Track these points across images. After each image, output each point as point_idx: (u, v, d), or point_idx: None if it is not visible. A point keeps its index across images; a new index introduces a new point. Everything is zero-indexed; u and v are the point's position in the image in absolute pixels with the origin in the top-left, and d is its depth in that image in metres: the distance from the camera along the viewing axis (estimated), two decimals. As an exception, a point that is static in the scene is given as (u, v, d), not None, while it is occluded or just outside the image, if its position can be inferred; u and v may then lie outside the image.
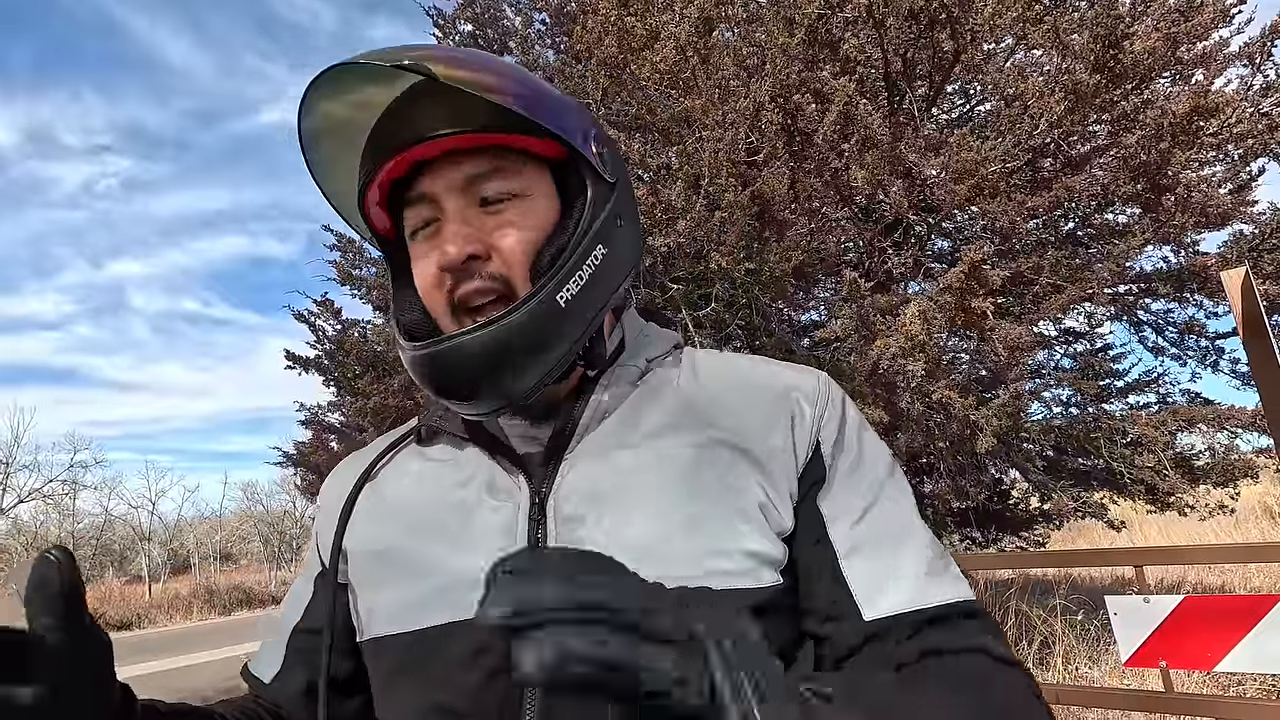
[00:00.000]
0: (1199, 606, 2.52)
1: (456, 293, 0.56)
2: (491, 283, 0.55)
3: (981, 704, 0.46)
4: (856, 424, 0.60)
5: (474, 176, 0.56)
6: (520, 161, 0.57)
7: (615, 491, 0.54)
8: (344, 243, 5.71)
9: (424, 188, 0.57)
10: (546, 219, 0.57)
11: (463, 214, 0.56)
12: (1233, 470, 4.63)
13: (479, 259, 0.55)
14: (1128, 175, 4.17)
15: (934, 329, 3.77)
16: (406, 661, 0.54)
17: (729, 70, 3.94)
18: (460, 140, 0.55)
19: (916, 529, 0.55)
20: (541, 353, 0.54)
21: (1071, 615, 4.94)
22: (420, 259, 0.58)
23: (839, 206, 4.58)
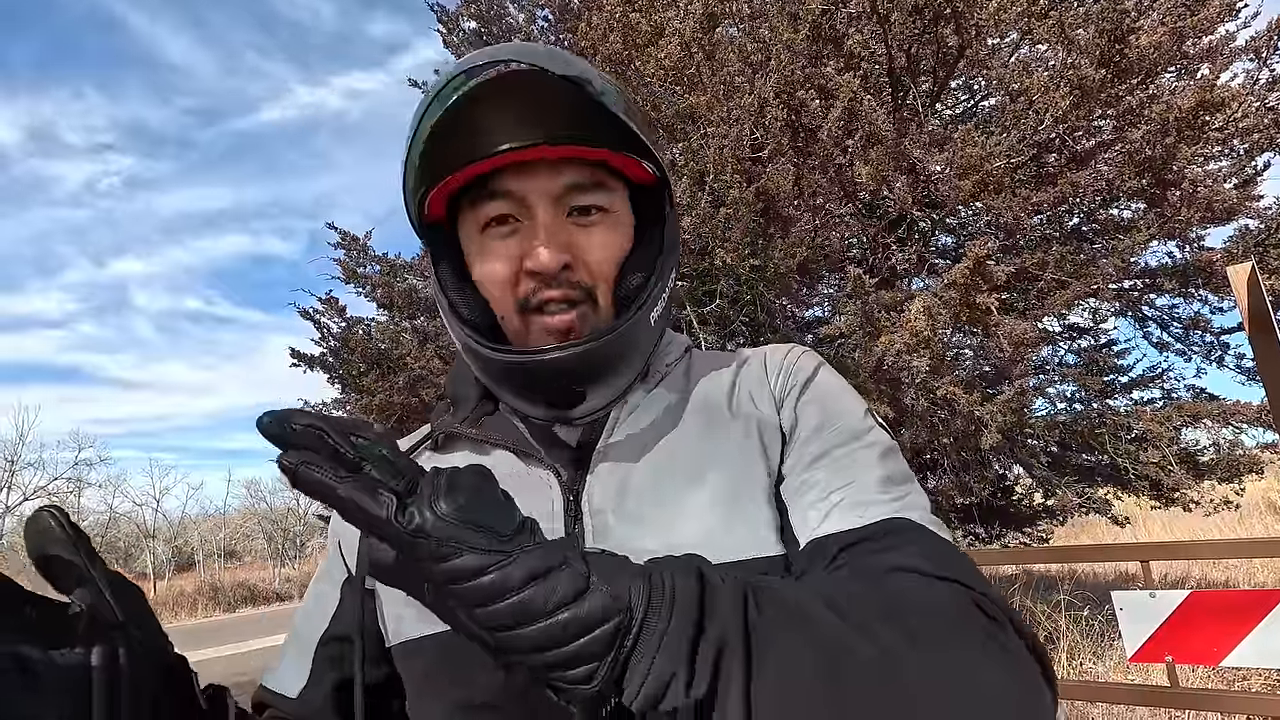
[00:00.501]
0: (1205, 602, 2.53)
1: (536, 296, 0.56)
2: (574, 291, 0.57)
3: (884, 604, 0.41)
4: (828, 384, 0.62)
5: (573, 186, 0.57)
6: (613, 178, 0.59)
7: (644, 486, 0.56)
8: (348, 241, 5.71)
9: (512, 186, 0.56)
10: (628, 237, 0.60)
11: (554, 221, 0.56)
12: (1238, 466, 4.62)
13: (570, 268, 0.56)
14: (1133, 170, 4.16)
15: (939, 325, 3.77)
16: (440, 662, 0.54)
17: (734, 66, 3.93)
18: (572, 150, 0.56)
19: (865, 467, 0.54)
20: (629, 367, 0.58)
21: (1076, 611, 4.95)
22: (493, 255, 0.58)
23: (843, 202, 4.58)
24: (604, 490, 0.56)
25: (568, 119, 0.54)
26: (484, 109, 0.54)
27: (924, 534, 0.49)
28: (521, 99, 0.54)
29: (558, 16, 5.76)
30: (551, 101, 0.54)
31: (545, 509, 0.56)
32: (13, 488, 19.74)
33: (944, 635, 0.41)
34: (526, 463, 0.59)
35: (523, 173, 0.56)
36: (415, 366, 4.84)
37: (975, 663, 0.40)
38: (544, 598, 0.35)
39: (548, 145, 0.54)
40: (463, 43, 6.03)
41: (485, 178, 0.57)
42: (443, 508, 0.35)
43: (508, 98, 0.54)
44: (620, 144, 0.56)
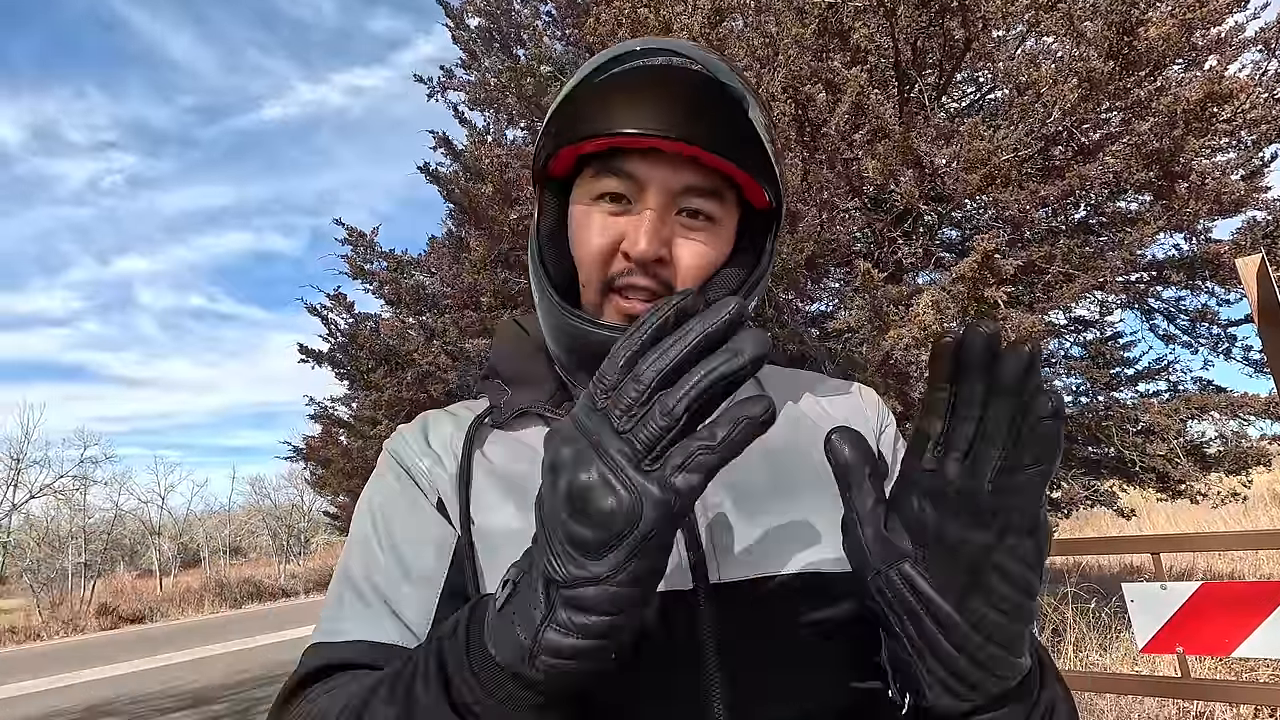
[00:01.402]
0: (1216, 593, 2.54)
1: (621, 278, 0.58)
2: (657, 285, 0.58)
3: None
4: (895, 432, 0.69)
5: (690, 188, 0.58)
6: (730, 192, 0.61)
7: (757, 483, 0.58)
8: (354, 237, 5.72)
9: (638, 170, 0.57)
10: (725, 251, 0.61)
11: (663, 214, 0.58)
12: (1245, 458, 4.63)
13: (660, 262, 0.57)
14: (1140, 163, 4.15)
15: (947, 319, 3.77)
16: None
17: (741, 61, 3.93)
18: (707, 156, 0.56)
19: None
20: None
21: (1083, 603, 4.96)
22: (596, 226, 0.59)
23: (850, 197, 4.57)
24: (715, 483, 0.57)
25: (715, 127, 0.56)
26: (635, 90, 0.56)
27: None
28: (681, 93, 0.56)
29: (564, 11, 5.75)
30: (707, 105, 0.56)
31: None
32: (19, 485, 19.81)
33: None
34: None
35: (649, 160, 0.57)
36: (423, 362, 4.86)
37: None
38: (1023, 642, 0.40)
39: (681, 141, 0.55)
40: (471, 38, 6.02)
41: (613, 153, 0.58)
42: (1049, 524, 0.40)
43: (670, 87, 0.56)
44: (751, 165, 0.58)
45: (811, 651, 0.53)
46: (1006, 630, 0.37)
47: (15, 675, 9.37)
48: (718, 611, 0.52)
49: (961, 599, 0.37)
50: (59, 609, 17.44)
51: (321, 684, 0.51)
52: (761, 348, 0.34)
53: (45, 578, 19.60)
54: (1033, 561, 0.37)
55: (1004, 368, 0.35)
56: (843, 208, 4.61)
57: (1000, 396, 0.35)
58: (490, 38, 6.01)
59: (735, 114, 0.57)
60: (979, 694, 0.38)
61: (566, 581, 0.36)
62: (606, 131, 0.55)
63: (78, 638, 14.57)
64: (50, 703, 7.30)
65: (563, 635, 0.36)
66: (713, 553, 0.54)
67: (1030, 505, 0.36)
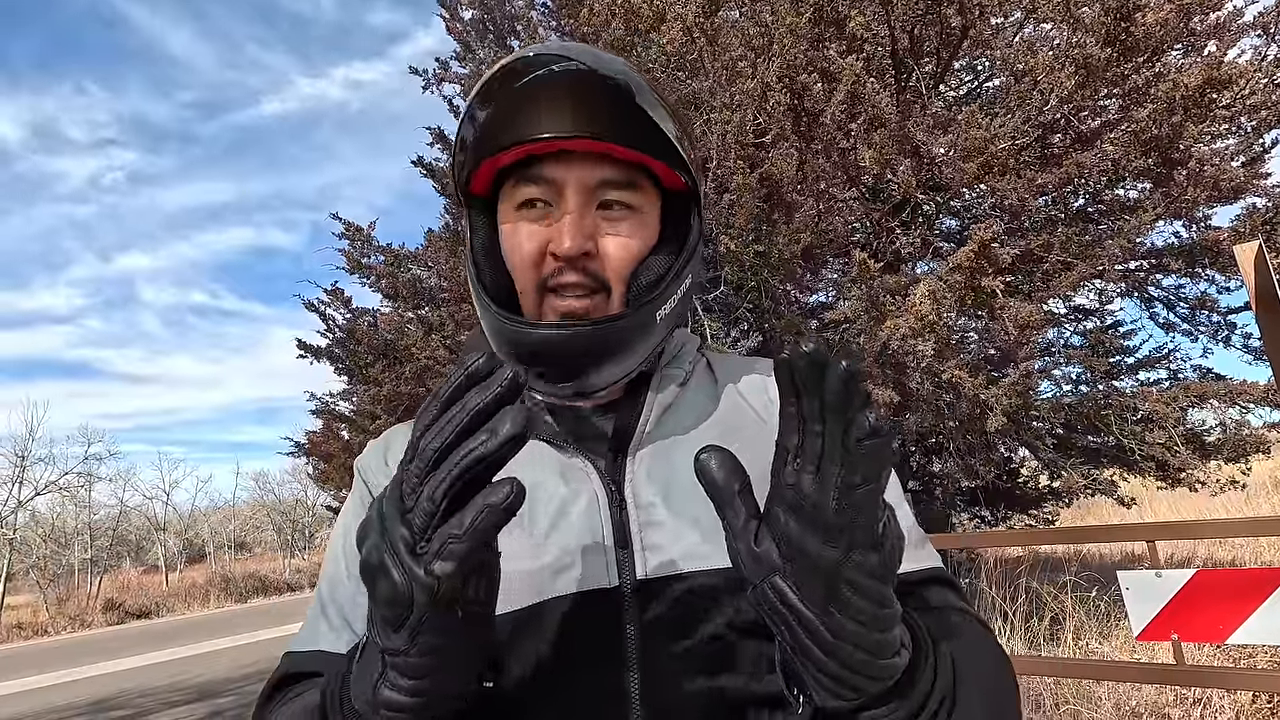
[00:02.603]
0: (1211, 580, 2.54)
1: (554, 278, 0.60)
2: (589, 279, 0.59)
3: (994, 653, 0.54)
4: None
5: (606, 182, 0.60)
6: (647, 181, 0.62)
7: (683, 484, 0.59)
8: (351, 231, 5.71)
9: (554, 174, 0.59)
10: (650, 237, 0.63)
11: (582, 211, 0.59)
12: (1244, 445, 4.62)
13: (587, 256, 0.59)
14: (1139, 150, 4.13)
15: (944, 309, 3.77)
16: (505, 642, 0.56)
17: (736, 51, 3.91)
18: (614, 148, 0.58)
19: (900, 505, 0.61)
20: (630, 357, 0.60)
21: (1083, 592, 4.97)
22: (523, 234, 0.61)
23: (847, 187, 4.56)
24: (649, 482, 0.59)
25: (613, 119, 0.58)
26: (539, 98, 0.58)
27: (957, 586, 0.62)
28: (574, 94, 0.58)
29: (558, 3, 5.72)
30: (606, 101, 0.58)
31: (589, 496, 0.59)
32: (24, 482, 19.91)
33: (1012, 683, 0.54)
34: (563, 453, 0.62)
35: (563, 162, 0.59)
36: (421, 357, 4.87)
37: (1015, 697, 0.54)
38: (892, 645, 0.40)
39: (590, 139, 0.57)
40: (465, 30, 6.00)
41: (529, 162, 0.60)
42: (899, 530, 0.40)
43: (562, 91, 0.58)
44: (658, 151, 0.59)
45: (731, 646, 0.54)
46: (867, 638, 0.39)
47: (23, 670, 9.45)
48: (642, 607, 0.54)
49: (823, 610, 0.38)
50: (65, 605, 17.57)
51: (283, 691, 0.57)
52: (518, 427, 0.36)
53: (52, 574, 19.74)
54: (880, 574, 0.38)
55: (827, 386, 0.36)
56: (840, 198, 4.59)
57: (830, 413, 0.36)
58: (485, 30, 5.98)
59: (628, 103, 0.58)
60: (859, 694, 0.40)
61: (382, 649, 0.41)
62: (516, 141, 0.58)
63: (84, 633, 14.69)
64: (58, 697, 7.37)
65: (392, 692, 0.41)
66: (641, 549, 0.56)
67: (868, 521, 0.37)
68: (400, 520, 0.38)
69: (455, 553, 0.36)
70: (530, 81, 0.58)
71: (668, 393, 0.64)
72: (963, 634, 0.54)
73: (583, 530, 0.57)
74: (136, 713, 6.35)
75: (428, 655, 0.39)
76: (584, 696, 0.53)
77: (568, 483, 0.60)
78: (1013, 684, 0.54)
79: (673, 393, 0.64)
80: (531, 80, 0.58)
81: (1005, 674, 0.53)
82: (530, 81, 0.58)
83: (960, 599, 0.59)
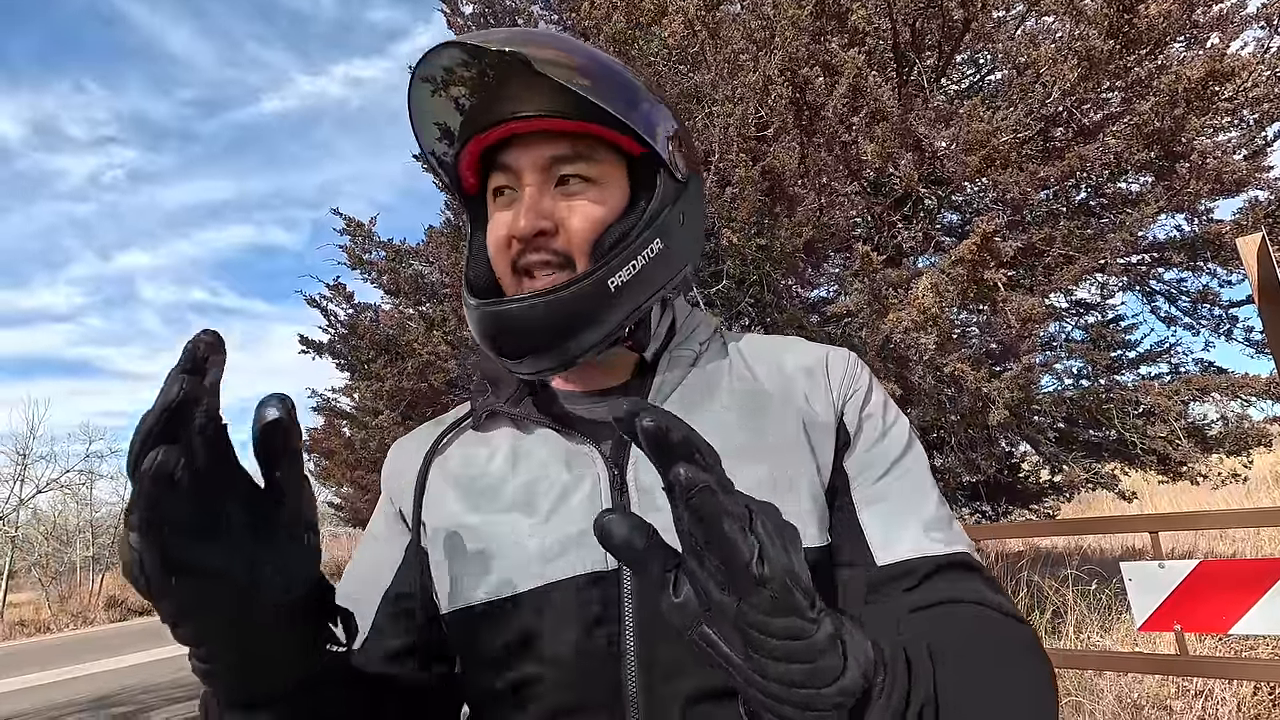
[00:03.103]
0: (1213, 571, 2.54)
1: (521, 260, 0.61)
2: (553, 256, 0.60)
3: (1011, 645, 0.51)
4: (882, 398, 0.66)
5: (556, 158, 0.61)
6: (601, 150, 0.62)
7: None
8: (353, 227, 5.71)
9: (510, 159, 0.62)
10: (615, 206, 0.62)
11: (538, 190, 0.61)
12: (1245, 438, 4.62)
13: (546, 234, 0.60)
14: (1141, 143, 4.12)
15: (946, 302, 3.76)
16: (509, 625, 0.56)
17: (738, 44, 3.90)
18: (550, 123, 0.60)
19: (929, 491, 0.60)
20: (585, 329, 0.58)
21: (1084, 585, 4.98)
22: (493, 223, 0.64)
23: (849, 181, 4.55)
24: (649, 466, 0.58)
25: (555, 94, 0.58)
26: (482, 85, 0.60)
27: (986, 575, 0.57)
28: (511, 76, 0.60)
29: (558, -4, 5.71)
30: (534, 79, 0.57)
31: (591, 481, 0.59)
32: (26, 480, 19.93)
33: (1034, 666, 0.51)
34: (569, 438, 0.62)
35: (521, 146, 0.61)
36: (423, 352, 4.86)
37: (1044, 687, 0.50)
38: (829, 671, 0.37)
39: (522, 119, 0.59)
40: (466, 24, 5.99)
41: (494, 152, 0.63)
42: (785, 562, 0.35)
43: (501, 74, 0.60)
44: (603, 119, 0.59)
45: None
46: (792, 673, 0.37)
47: (26, 667, 9.47)
48: (639, 590, 0.54)
49: (744, 654, 0.37)
50: (68, 602, 17.59)
51: None
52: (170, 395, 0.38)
53: (54, 572, 19.74)
54: (774, 610, 0.35)
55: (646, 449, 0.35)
56: (842, 192, 4.59)
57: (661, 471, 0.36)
58: (485, 23, 5.97)
59: (564, 74, 0.58)
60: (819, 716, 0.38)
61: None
62: (465, 139, 0.61)
63: (87, 630, 14.71)
64: (60, 694, 7.38)
65: (191, 659, 0.45)
66: None
67: (737, 566, 0.35)
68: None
69: (131, 522, 0.38)
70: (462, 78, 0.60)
71: (675, 373, 0.64)
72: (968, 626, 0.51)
73: (584, 515, 0.57)
74: (139, 709, 6.36)
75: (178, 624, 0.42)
76: (583, 677, 0.53)
77: (571, 469, 0.60)
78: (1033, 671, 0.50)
79: (680, 373, 0.64)
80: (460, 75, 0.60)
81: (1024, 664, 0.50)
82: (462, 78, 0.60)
83: (984, 586, 0.55)
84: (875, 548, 0.56)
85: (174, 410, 0.38)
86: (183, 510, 0.39)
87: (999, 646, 0.50)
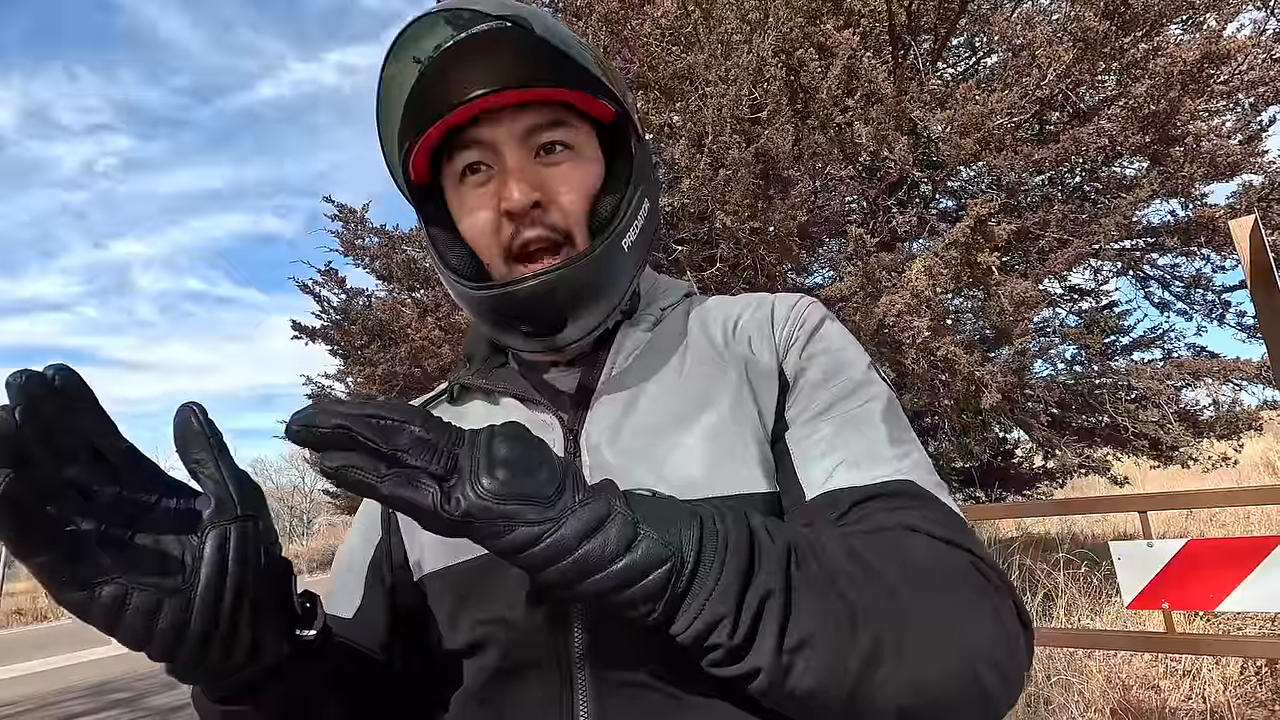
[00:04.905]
0: (1201, 549, 2.56)
1: (516, 239, 0.59)
2: (551, 232, 0.58)
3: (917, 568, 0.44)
4: (829, 341, 0.61)
5: (534, 127, 0.59)
6: (574, 117, 0.61)
7: (638, 423, 0.58)
8: (345, 213, 5.67)
9: (483, 134, 0.59)
10: (596, 173, 0.61)
11: (523, 163, 0.59)
12: (1236, 422, 4.65)
13: (540, 207, 0.58)
14: (1136, 126, 4.11)
15: (940, 285, 3.76)
16: (464, 587, 0.56)
17: (731, 25, 3.87)
18: (529, 94, 0.57)
19: (872, 425, 0.55)
20: (608, 294, 0.59)
21: (1075, 568, 5.01)
22: (473, 205, 0.60)
23: (843, 165, 4.54)
24: (599, 427, 0.58)
25: (518, 64, 0.57)
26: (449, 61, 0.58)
27: (932, 500, 0.51)
28: (480, 47, 0.57)
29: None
30: (502, 49, 0.57)
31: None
32: (21, 470, 19.89)
33: (949, 592, 0.45)
34: (532, 408, 0.62)
35: (489, 121, 0.58)
36: (416, 338, 4.85)
37: (971, 618, 0.44)
38: (600, 552, 0.38)
39: (496, 93, 0.56)
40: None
41: (456, 133, 0.59)
42: (485, 487, 0.37)
43: (472, 51, 0.58)
44: (577, 83, 0.58)
45: None
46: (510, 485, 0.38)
47: (24, 655, 9.49)
48: None
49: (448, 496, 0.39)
50: (65, 591, 17.60)
51: None
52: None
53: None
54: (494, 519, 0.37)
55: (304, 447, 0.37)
56: (837, 176, 4.57)
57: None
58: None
59: (530, 43, 0.58)
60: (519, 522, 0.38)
61: None
62: (440, 114, 0.57)
63: (84, 618, 14.72)
64: (58, 681, 7.40)
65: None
66: None
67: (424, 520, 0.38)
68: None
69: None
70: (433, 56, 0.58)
71: (633, 340, 0.63)
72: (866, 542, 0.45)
73: None
74: (137, 695, 6.39)
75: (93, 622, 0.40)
76: (532, 632, 0.53)
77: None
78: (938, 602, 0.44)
79: (638, 340, 0.64)
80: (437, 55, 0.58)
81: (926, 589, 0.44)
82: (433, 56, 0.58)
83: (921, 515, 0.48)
84: (806, 485, 0.54)
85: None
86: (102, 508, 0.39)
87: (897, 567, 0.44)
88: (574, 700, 0.51)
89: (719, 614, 0.39)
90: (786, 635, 0.39)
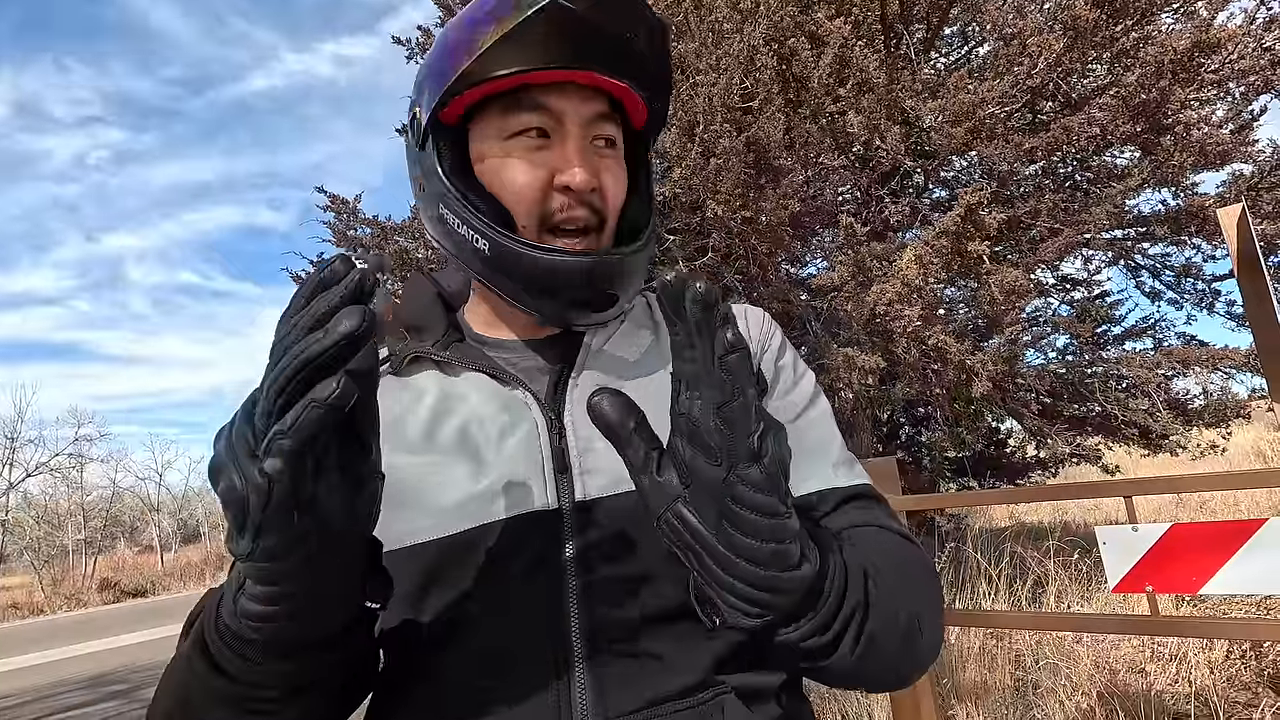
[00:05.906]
0: (1186, 534, 2.58)
1: (562, 211, 0.59)
2: (593, 215, 0.61)
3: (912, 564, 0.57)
4: (792, 353, 0.71)
5: (599, 117, 0.61)
6: (618, 114, 0.64)
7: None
8: (337, 204, 5.66)
9: (553, 103, 0.59)
10: (625, 169, 0.65)
11: (585, 146, 0.60)
12: (1224, 411, 4.68)
13: (594, 192, 0.60)
14: (1127, 115, 4.12)
15: (931, 274, 3.77)
16: (442, 565, 0.55)
17: (722, 13, 3.86)
18: (616, 86, 0.60)
19: (834, 435, 0.66)
20: (632, 288, 0.63)
21: (1065, 556, 5.05)
22: (522, 164, 0.59)
23: (835, 154, 4.54)
24: (582, 407, 0.59)
25: (610, 48, 0.58)
26: (552, 26, 0.56)
27: (883, 501, 0.64)
28: (584, 26, 0.57)
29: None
30: (607, 34, 0.58)
31: (529, 425, 0.59)
32: (15, 465, 19.86)
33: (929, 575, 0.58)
34: (502, 383, 0.61)
35: (564, 92, 0.59)
36: (409, 328, 4.84)
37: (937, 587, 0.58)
38: (791, 557, 0.41)
39: (597, 73, 0.58)
40: (455, 2, 5.88)
41: (524, 90, 0.59)
42: (778, 450, 0.39)
43: (571, 22, 0.56)
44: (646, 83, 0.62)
45: (666, 560, 0.52)
46: (760, 551, 0.39)
47: (21, 648, 9.50)
48: (580, 527, 0.55)
49: (717, 528, 0.39)
50: (61, 585, 17.62)
51: None
52: (353, 324, 0.35)
53: (46, 555, 19.74)
54: (762, 486, 0.38)
55: (689, 311, 0.37)
56: (829, 165, 4.57)
57: (699, 336, 0.37)
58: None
59: (631, 38, 0.59)
60: (768, 609, 0.41)
61: (235, 556, 0.39)
62: (523, 69, 0.56)
63: (81, 612, 14.74)
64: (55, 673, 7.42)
65: (249, 601, 0.41)
66: (580, 473, 0.57)
67: (742, 435, 0.38)
68: (246, 422, 0.37)
69: (282, 449, 0.35)
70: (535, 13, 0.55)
71: (609, 324, 0.65)
72: (878, 545, 0.56)
73: (523, 457, 0.57)
74: (134, 687, 6.41)
75: (270, 560, 0.38)
76: (523, 612, 0.53)
77: (507, 412, 0.60)
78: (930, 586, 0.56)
79: (612, 325, 0.66)
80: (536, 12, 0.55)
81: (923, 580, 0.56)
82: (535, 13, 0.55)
83: (884, 514, 0.61)
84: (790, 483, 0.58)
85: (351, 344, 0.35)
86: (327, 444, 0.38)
87: (905, 565, 0.55)
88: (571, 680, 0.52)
89: (825, 623, 0.45)
90: (863, 636, 0.47)
